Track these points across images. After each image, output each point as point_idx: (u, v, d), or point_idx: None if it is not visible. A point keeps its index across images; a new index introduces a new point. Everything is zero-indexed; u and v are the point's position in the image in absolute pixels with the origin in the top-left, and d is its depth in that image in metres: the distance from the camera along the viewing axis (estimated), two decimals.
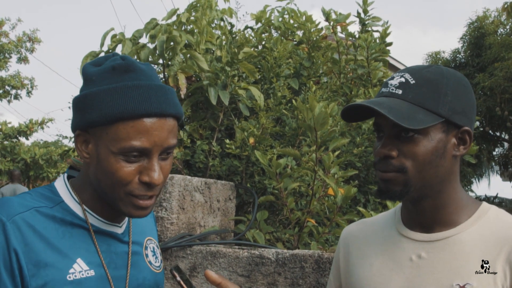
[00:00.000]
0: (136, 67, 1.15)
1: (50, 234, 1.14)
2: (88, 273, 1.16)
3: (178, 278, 1.17)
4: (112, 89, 1.12)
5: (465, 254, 1.18)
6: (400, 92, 1.19)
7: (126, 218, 1.30)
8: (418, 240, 1.24)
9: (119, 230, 1.26)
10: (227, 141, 2.84)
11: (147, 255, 1.34)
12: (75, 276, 1.14)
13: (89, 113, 1.12)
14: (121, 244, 1.26)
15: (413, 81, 1.19)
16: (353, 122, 2.10)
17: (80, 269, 1.15)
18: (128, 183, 1.13)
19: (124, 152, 1.11)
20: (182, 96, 2.95)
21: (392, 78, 1.23)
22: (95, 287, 1.17)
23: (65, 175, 1.26)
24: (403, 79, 1.21)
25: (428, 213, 1.24)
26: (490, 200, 14.16)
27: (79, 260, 1.16)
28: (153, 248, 1.38)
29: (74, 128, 1.17)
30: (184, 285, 1.17)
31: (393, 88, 1.21)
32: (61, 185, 1.23)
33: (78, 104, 1.16)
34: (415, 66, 1.25)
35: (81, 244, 1.18)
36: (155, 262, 1.36)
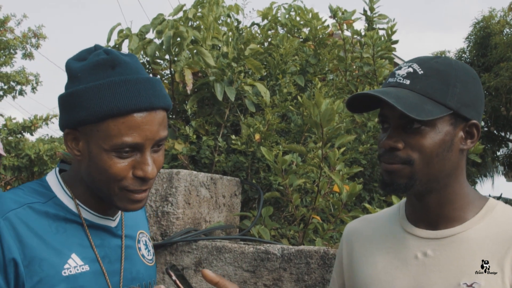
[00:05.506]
0: (121, 60, 1.12)
1: (44, 230, 1.13)
2: (83, 268, 1.15)
3: (174, 278, 1.15)
4: (99, 85, 1.09)
5: (472, 252, 1.15)
6: (407, 82, 1.16)
7: (119, 211, 1.29)
8: (423, 237, 1.21)
9: (113, 224, 1.25)
10: (233, 137, 2.85)
11: (140, 249, 1.33)
12: (70, 271, 1.13)
13: (77, 112, 1.10)
14: (114, 238, 1.25)
15: (422, 72, 1.16)
16: (358, 113, 2.05)
17: (75, 264, 1.14)
18: (122, 179, 1.12)
19: (116, 149, 1.10)
20: (189, 92, 2.96)
21: (400, 68, 1.20)
22: (91, 282, 1.16)
23: (57, 169, 1.25)
24: (411, 69, 1.18)
25: (433, 208, 1.21)
26: None
27: (73, 256, 1.15)
28: (145, 241, 1.37)
29: (62, 126, 1.15)
30: (179, 285, 1.15)
31: (400, 78, 1.18)
32: (53, 179, 1.22)
33: (65, 102, 1.13)
34: (423, 56, 1.22)
35: (75, 239, 1.17)
36: (148, 255, 1.35)
